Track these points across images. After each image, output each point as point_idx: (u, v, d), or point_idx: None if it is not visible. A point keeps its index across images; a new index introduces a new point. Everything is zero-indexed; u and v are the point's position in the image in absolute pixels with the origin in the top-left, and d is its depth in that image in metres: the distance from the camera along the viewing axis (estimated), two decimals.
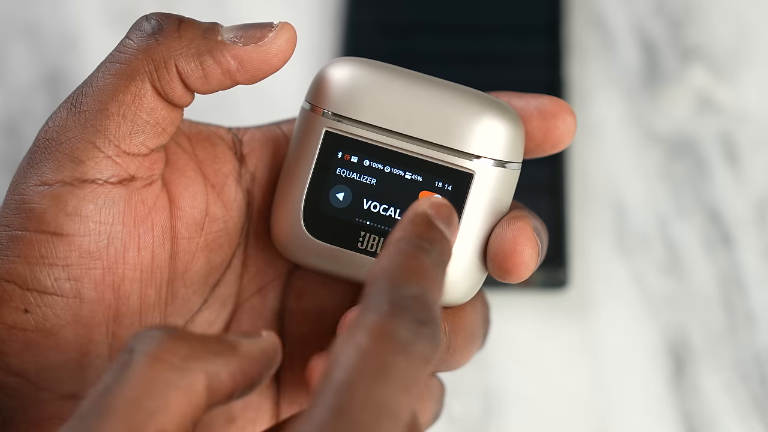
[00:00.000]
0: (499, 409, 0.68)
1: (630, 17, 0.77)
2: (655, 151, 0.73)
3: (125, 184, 0.45)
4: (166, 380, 0.37)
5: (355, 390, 0.35)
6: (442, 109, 0.46)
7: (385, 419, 0.35)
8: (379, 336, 0.36)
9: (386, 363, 0.35)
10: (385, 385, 0.35)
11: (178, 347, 0.37)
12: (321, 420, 0.35)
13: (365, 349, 0.36)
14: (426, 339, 0.36)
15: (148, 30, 0.45)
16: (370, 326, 0.36)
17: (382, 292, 0.37)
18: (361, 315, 0.37)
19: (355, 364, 0.35)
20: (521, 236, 0.46)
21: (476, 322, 0.49)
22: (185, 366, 0.37)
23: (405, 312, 0.37)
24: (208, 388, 0.38)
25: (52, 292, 0.44)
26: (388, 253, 0.39)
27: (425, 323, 0.37)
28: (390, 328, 0.36)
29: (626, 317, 0.69)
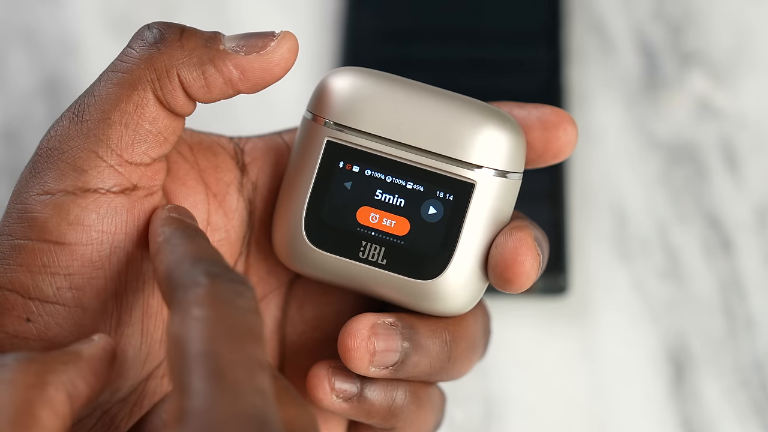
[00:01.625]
0: (500, 415, 0.68)
1: (629, 22, 0.77)
2: (654, 157, 0.73)
3: (127, 193, 0.45)
4: (28, 399, 0.38)
5: (218, 354, 0.37)
6: (444, 119, 0.46)
7: (257, 369, 0.37)
8: (211, 303, 0.39)
9: (230, 322, 0.38)
10: (240, 340, 0.38)
11: (29, 367, 0.39)
12: (202, 390, 0.36)
13: (206, 317, 0.38)
14: (248, 292, 0.40)
15: (150, 39, 0.45)
16: (200, 298, 0.39)
17: (190, 270, 0.40)
18: (182, 293, 0.39)
19: (206, 332, 0.38)
20: (522, 246, 0.46)
21: (477, 332, 0.49)
22: (42, 381, 0.39)
23: (220, 277, 0.40)
24: (69, 396, 0.39)
25: (54, 302, 0.44)
26: (167, 250, 0.42)
27: (240, 281, 0.40)
28: (217, 293, 0.39)
29: (626, 323, 0.70)
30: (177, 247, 0.42)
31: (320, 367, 0.47)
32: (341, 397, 0.47)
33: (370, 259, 0.47)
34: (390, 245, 0.46)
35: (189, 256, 0.42)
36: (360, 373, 0.46)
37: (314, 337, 0.50)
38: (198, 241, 0.43)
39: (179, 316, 0.39)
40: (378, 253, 0.46)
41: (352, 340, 0.46)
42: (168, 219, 0.44)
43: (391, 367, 0.46)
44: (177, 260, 0.41)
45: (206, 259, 0.41)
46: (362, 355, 0.46)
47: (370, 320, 0.46)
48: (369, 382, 0.47)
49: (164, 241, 0.43)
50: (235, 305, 0.39)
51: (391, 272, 0.46)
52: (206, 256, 0.42)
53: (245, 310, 0.39)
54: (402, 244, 0.46)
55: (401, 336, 0.46)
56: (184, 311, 0.39)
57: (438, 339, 0.47)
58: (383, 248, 0.46)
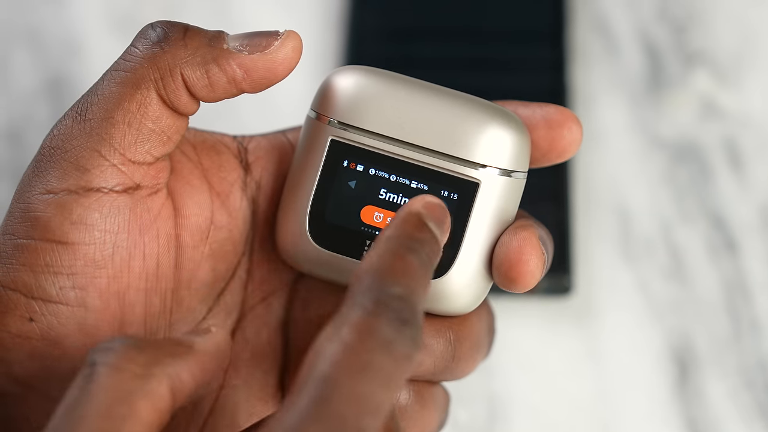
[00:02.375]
0: (504, 416, 0.68)
1: (633, 22, 0.77)
2: (658, 157, 0.73)
3: (130, 192, 0.45)
4: (130, 389, 0.38)
5: (337, 383, 0.36)
6: (448, 118, 0.46)
7: (366, 414, 0.36)
8: (363, 333, 0.37)
9: (369, 359, 0.36)
10: (368, 380, 0.36)
11: (138, 356, 0.39)
12: (303, 410, 0.35)
13: (349, 344, 0.36)
14: (408, 338, 0.37)
15: (154, 38, 0.45)
16: (355, 323, 0.37)
17: (367, 290, 0.38)
18: (347, 311, 0.38)
19: (339, 358, 0.36)
20: (527, 246, 0.46)
21: (482, 332, 0.49)
22: (147, 373, 0.38)
23: (389, 311, 0.37)
24: (172, 390, 0.39)
25: (57, 301, 0.44)
26: (378, 250, 0.40)
27: (408, 323, 0.38)
28: (374, 326, 0.37)
29: (630, 323, 0.69)
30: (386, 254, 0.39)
31: None
32: None
33: None
34: None
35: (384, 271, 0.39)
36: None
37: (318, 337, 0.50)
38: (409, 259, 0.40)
39: (332, 329, 0.37)
40: None
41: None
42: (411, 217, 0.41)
43: None
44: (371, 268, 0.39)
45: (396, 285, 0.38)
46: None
47: None
48: None
49: (385, 239, 0.40)
50: (386, 346, 0.37)
51: None
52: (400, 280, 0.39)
53: (393, 354, 0.37)
54: None
55: None
56: (338, 327, 0.37)
57: (442, 338, 0.47)
58: None
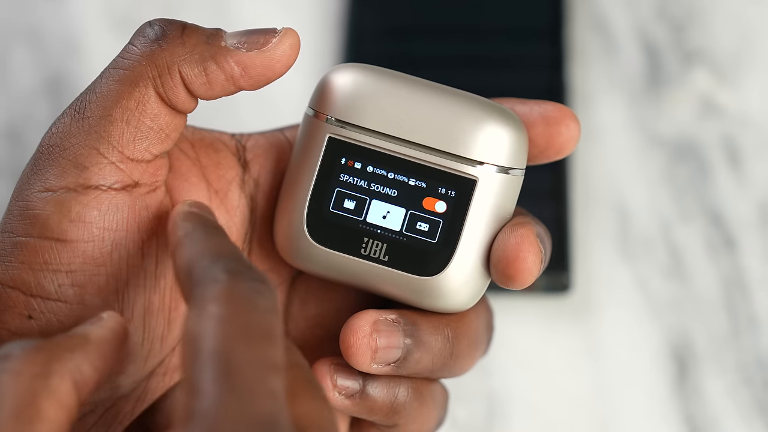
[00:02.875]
0: (503, 414, 0.68)
1: (632, 21, 0.77)
2: (657, 155, 0.73)
3: (129, 190, 0.45)
4: (33, 390, 0.38)
5: (231, 354, 0.36)
6: (446, 116, 0.46)
7: (269, 372, 0.36)
8: (228, 301, 0.38)
9: (245, 322, 0.37)
10: (254, 340, 0.37)
11: (36, 356, 0.39)
12: (212, 392, 0.36)
13: (221, 315, 0.37)
14: (267, 290, 0.39)
15: (152, 36, 0.45)
16: (214, 297, 0.38)
17: (209, 267, 0.39)
18: (201, 290, 0.38)
19: (220, 331, 0.37)
20: (524, 243, 0.46)
21: (480, 329, 0.49)
22: (46, 371, 0.38)
23: (240, 275, 0.39)
24: (75, 384, 0.39)
25: (56, 299, 0.44)
26: (186, 244, 0.41)
27: (260, 280, 0.39)
28: (235, 291, 0.38)
29: (629, 321, 0.69)
30: (197, 242, 0.42)
31: (322, 363, 0.47)
32: (343, 393, 0.47)
33: (372, 255, 0.46)
34: (392, 242, 0.46)
35: (209, 252, 0.41)
36: (362, 369, 0.46)
37: (316, 334, 0.50)
38: (218, 238, 0.42)
39: (196, 312, 0.38)
40: (380, 250, 0.46)
41: (354, 336, 0.46)
42: (188, 214, 0.44)
43: (393, 364, 0.46)
44: (197, 256, 0.41)
45: (226, 256, 0.40)
46: (364, 352, 0.46)
47: (372, 317, 0.46)
48: (371, 378, 0.47)
49: (184, 236, 0.42)
50: (252, 304, 0.38)
51: (393, 269, 0.46)
52: (227, 252, 0.41)
53: (263, 310, 0.38)
54: (404, 240, 0.46)
55: (403, 333, 0.46)
56: (201, 308, 0.38)
57: (440, 335, 0.47)
58: (385, 245, 0.46)
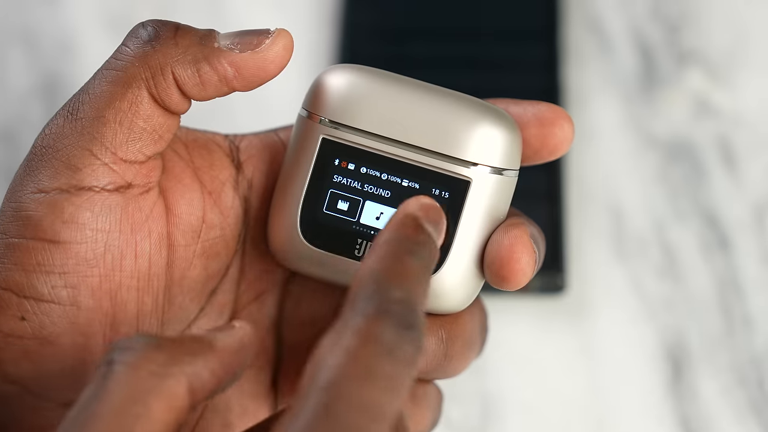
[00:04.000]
0: (497, 415, 0.68)
1: (627, 21, 0.77)
2: (652, 155, 0.73)
3: (122, 191, 0.45)
4: (147, 388, 0.37)
5: (341, 390, 0.35)
6: (440, 117, 0.46)
7: (372, 420, 0.35)
8: (366, 338, 0.36)
9: (372, 365, 0.36)
10: (372, 386, 0.36)
11: (156, 354, 0.38)
12: (308, 419, 0.35)
13: (352, 350, 0.36)
14: (411, 342, 0.37)
15: (145, 37, 0.45)
16: (357, 329, 0.37)
17: (368, 295, 0.38)
18: (348, 317, 0.37)
19: (342, 364, 0.36)
20: (518, 244, 0.46)
21: (474, 330, 0.49)
22: (164, 372, 0.38)
23: (391, 316, 0.37)
24: (190, 389, 0.38)
25: (49, 300, 0.44)
26: (376, 254, 0.39)
27: (410, 327, 0.37)
28: (376, 332, 0.37)
29: (624, 321, 0.69)
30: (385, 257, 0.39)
31: None
32: None
33: None
34: None
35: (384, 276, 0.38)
36: None
37: (311, 335, 0.50)
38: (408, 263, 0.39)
39: (334, 335, 0.37)
40: None
41: None
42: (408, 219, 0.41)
43: None
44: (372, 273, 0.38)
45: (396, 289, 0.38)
46: None
47: None
48: None
49: (383, 243, 0.40)
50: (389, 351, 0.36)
51: None
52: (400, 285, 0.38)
53: (396, 359, 0.36)
54: None
55: None
56: (339, 333, 0.37)
57: (434, 337, 0.47)
58: None
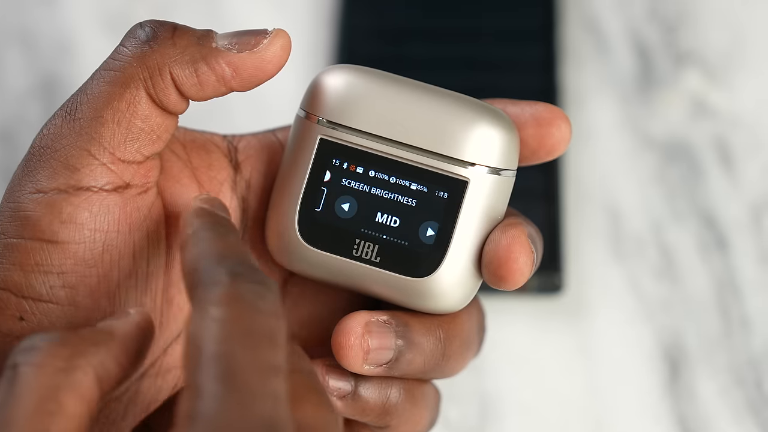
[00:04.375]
0: (495, 414, 0.68)
1: (624, 22, 0.77)
2: (649, 156, 0.73)
3: (120, 191, 0.45)
4: (56, 384, 0.38)
5: (232, 356, 0.36)
6: (437, 117, 0.46)
7: (270, 375, 0.36)
8: (231, 303, 0.38)
9: (248, 324, 0.37)
10: (256, 343, 0.37)
11: (60, 350, 0.39)
12: (213, 392, 0.35)
13: (224, 318, 0.37)
14: (271, 295, 0.39)
15: (143, 37, 0.45)
16: (219, 297, 0.38)
17: (213, 268, 0.39)
18: (203, 291, 0.38)
19: (222, 333, 0.37)
20: (516, 244, 0.46)
21: (472, 329, 0.49)
22: (70, 366, 0.38)
23: (242, 277, 0.39)
24: (98, 380, 0.39)
25: (48, 300, 0.44)
26: (193, 243, 0.41)
27: (262, 282, 0.39)
28: (237, 294, 0.38)
29: (621, 322, 0.69)
30: (204, 241, 0.41)
31: (314, 365, 0.47)
32: (335, 395, 0.47)
33: (363, 256, 0.46)
34: (383, 243, 0.46)
35: (215, 252, 0.40)
36: (354, 371, 0.46)
37: (308, 336, 0.50)
38: (227, 237, 0.42)
39: (197, 314, 0.38)
40: (371, 251, 0.46)
41: (345, 338, 0.46)
42: (199, 210, 0.43)
43: (385, 365, 0.46)
44: (202, 255, 0.40)
45: (231, 258, 0.40)
46: (356, 353, 0.46)
47: (364, 318, 0.46)
48: (363, 380, 0.47)
49: (193, 234, 0.42)
50: (254, 307, 0.38)
51: (384, 270, 0.46)
52: (232, 254, 0.40)
53: (265, 313, 0.38)
54: (395, 241, 0.46)
55: (395, 334, 0.46)
56: (203, 310, 0.38)
57: (432, 336, 0.47)
58: (377, 246, 0.46)
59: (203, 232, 0.42)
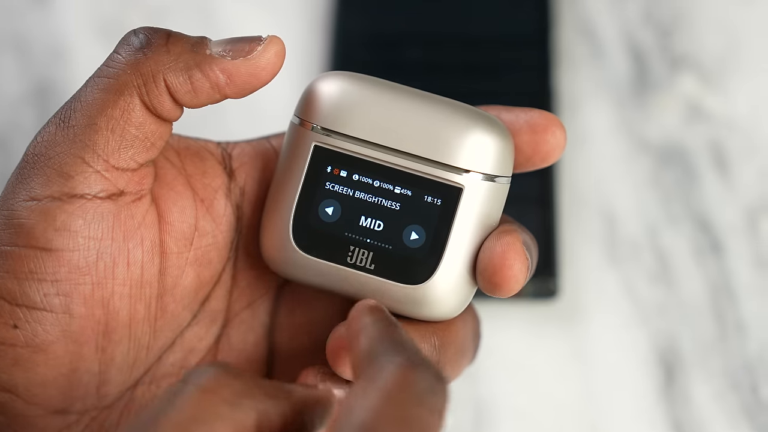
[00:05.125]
0: (490, 420, 0.68)
1: (619, 26, 0.77)
2: (644, 160, 0.73)
3: (114, 199, 0.45)
4: (216, 412, 0.37)
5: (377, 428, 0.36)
6: (432, 124, 0.46)
7: None
8: (401, 385, 0.37)
9: (408, 411, 0.37)
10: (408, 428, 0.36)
11: (232, 383, 0.38)
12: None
13: (388, 395, 0.37)
14: (442, 393, 0.38)
15: (137, 44, 0.45)
16: (393, 375, 0.37)
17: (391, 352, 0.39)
18: (376, 370, 0.38)
19: (379, 407, 0.36)
20: (510, 251, 0.46)
21: (467, 337, 0.49)
22: (237, 401, 0.38)
23: (423, 367, 0.38)
24: (258, 426, 0.38)
25: (42, 308, 0.44)
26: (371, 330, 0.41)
27: (441, 380, 0.38)
28: (411, 380, 0.37)
29: (617, 326, 0.69)
30: (383, 330, 0.41)
31: (309, 372, 0.47)
32: None
33: (358, 264, 0.46)
34: (378, 250, 0.46)
35: (392, 340, 0.40)
36: (349, 378, 0.46)
37: (303, 343, 0.50)
38: (402, 333, 0.41)
39: (361, 386, 0.37)
40: (366, 258, 0.46)
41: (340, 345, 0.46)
42: (372, 307, 0.43)
43: None
44: (380, 340, 0.40)
45: (410, 348, 0.39)
46: None
47: None
48: None
49: (370, 323, 0.41)
50: (423, 400, 0.37)
51: (379, 277, 0.46)
52: (411, 345, 0.40)
53: (429, 408, 0.37)
54: (390, 248, 0.46)
55: None
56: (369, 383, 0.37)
57: (427, 344, 0.47)
58: (371, 253, 0.46)
59: (381, 324, 0.41)
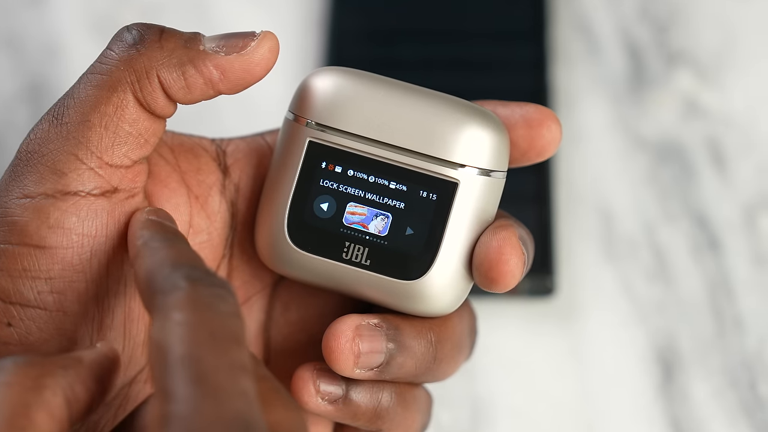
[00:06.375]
0: (487, 418, 0.68)
1: (615, 22, 0.77)
2: (641, 156, 0.73)
3: (108, 196, 0.45)
4: (25, 402, 0.38)
5: (200, 357, 0.37)
6: (427, 118, 0.46)
7: (239, 374, 0.37)
8: (192, 306, 0.38)
9: (212, 326, 0.38)
10: (223, 344, 0.37)
11: (28, 370, 0.39)
12: (185, 394, 0.36)
13: (187, 321, 0.38)
14: (229, 297, 0.39)
15: (130, 41, 0.45)
16: (180, 302, 0.38)
17: (169, 274, 0.40)
18: (163, 298, 0.39)
19: (187, 336, 0.37)
20: (506, 245, 0.46)
21: (463, 332, 0.49)
22: (39, 385, 0.39)
23: (200, 281, 0.39)
24: (67, 401, 0.39)
25: (36, 306, 0.44)
26: (146, 254, 0.42)
27: (221, 285, 0.40)
28: (198, 297, 0.39)
29: (614, 324, 0.69)
30: (157, 250, 0.42)
31: (305, 369, 0.47)
32: (326, 399, 0.47)
33: (353, 259, 0.46)
34: (373, 246, 0.46)
35: (169, 260, 0.41)
36: (345, 374, 0.46)
37: (299, 339, 0.50)
38: (178, 245, 0.43)
39: (160, 320, 0.38)
40: (361, 254, 0.46)
41: (336, 341, 0.46)
42: (147, 222, 0.44)
43: (376, 369, 0.46)
44: (157, 264, 0.41)
45: (186, 264, 0.41)
46: (347, 357, 0.46)
47: (355, 321, 0.46)
48: (354, 383, 0.47)
49: (143, 245, 0.43)
50: (215, 309, 0.38)
51: (374, 273, 0.46)
52: (186, 260, 0.41)
53: (226, 314, 0.39)
54: (385, 244, 0.46)
55: (386, 337, 0.46)
56: (165, 316, 0.38)
57: (423, 340, 0.47)
58: (366, 249, 0.46)
59: (154, 242, 0.42)
